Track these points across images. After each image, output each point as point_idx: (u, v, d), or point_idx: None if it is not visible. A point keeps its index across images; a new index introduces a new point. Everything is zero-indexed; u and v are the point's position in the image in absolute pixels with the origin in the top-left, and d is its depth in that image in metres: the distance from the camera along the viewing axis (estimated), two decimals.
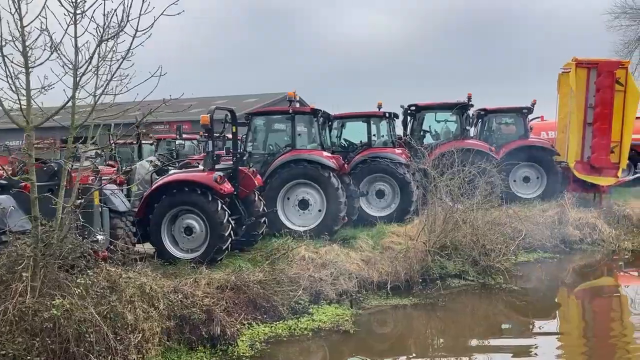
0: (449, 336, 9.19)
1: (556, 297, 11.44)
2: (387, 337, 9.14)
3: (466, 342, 8.83)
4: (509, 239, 13.39)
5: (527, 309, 10.27)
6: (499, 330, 9.41)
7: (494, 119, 19.45)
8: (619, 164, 17.90)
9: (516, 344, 8.66)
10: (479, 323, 9.68)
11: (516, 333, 9.26)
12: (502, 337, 9.08)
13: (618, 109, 17.66)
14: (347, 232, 12.41)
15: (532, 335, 9.13)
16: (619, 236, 15.84)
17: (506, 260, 12.77)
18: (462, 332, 9.26)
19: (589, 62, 17.86)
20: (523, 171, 18.58)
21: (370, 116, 14.79)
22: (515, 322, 9.79)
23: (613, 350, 8.43)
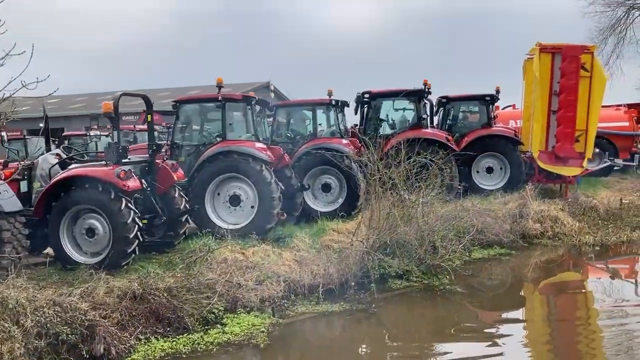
0: (373, 348, 8.17)
1: (500, 299, 10.32)
2: (301, 351, 8.08)
3: (391, 356, 7.81)
4: (461, 235, 12.48)
5: (466, 314, 9.27)
6: (431, 340, 8.39)
7: (456, 107, 18.43)
8: (584, 154, 16.94)
9: (449, 358, 7.66)
10: (407, 333, 8.62)
11: (447, 341, 8.26)
12: (432, 348, 8.07)
13: (583, 96, 16.69)
14: (284, 229, 11.34)
15: (465, 345, 8.12)
16: (582, 229, 14.92)
17: (458, 257, 11.84)
18: (385, 345, 8.21)
19: (554, 47, 16.85)
20: (486, 161, 17.64)
21: (316, 104, 13.70)
22: (449, 330, 8.77)
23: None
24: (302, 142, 13.52)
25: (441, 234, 11.42)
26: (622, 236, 13.95)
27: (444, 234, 11.50)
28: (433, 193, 12.19)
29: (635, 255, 13.41)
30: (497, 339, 8.24)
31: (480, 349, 7.79)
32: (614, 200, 19.85)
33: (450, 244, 11.55)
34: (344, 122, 14.41)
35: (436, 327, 8.81)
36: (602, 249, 13.49)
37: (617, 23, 32.85)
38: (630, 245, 13.61)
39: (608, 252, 13.44)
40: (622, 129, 24.77)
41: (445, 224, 12.23)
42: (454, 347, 7.88)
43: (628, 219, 16.83)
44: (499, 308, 9.79)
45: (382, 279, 10.41)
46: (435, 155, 14.58)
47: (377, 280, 10.26)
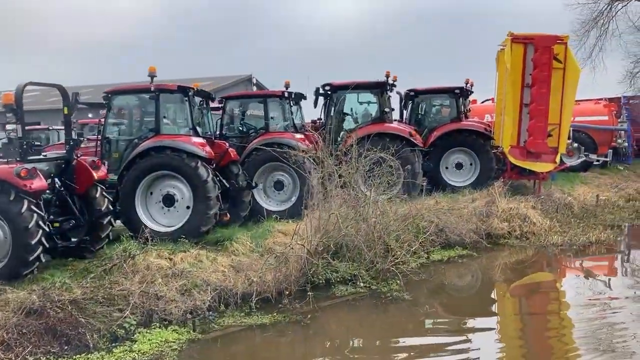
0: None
1: (451, 307, 9.30)
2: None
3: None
4: (419, 236, 11.62)
5: (411, 325, 8.37)
6: (367, 355, 7.49)
7: (425, 100, 17.52)
8: (557, 149, 16.07)
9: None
10: (340, 347, 7.67)
11: (386, 356, 7.37)
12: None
13: (556, 88, 15.81)
14: (225, 231, 10.40)
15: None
16: (553, 228, 14.05)
17: (414, 260, 11.00)
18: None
19: (526, 37, 15.95)
20: (456, 157, 16.76)
21: (267, 96, 12.74)
22: (388, 343, 7.87)
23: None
24: (253, 136, 12.57)
25: (394, 235, 10.54)
26: (592, 236, 13.07)
27: (397, 235, 10.63)
28: (387, 191, 11.32)
29: (600, 255, 12.52)
30: (447, 355, 7.35)
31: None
32: (590, 196, 19.08)
33: (404, 246, 10.72)
34: (299, 115, 13.46)
35: (373, 341, 7.90)
36: (568, 250, 12.62)
37: (599, 15, 31.99)
38: (599, 245, 12.73)
39: (575, 253, 12.56)
40: (601, 123, 23.96)
41: (401, 224, 11.40)
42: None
43: (602, 217, 16.04)
44: (449, 316, 8.87)
45: (328, 284, 9.52)
46: (398, 150, 13.76)
47: (321, 287, 9.41)
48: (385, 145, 13.67)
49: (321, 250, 9.63)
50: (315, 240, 9.62)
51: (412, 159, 13.87)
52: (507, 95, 16.14)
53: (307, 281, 9.34)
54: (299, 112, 13.49)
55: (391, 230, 10.83)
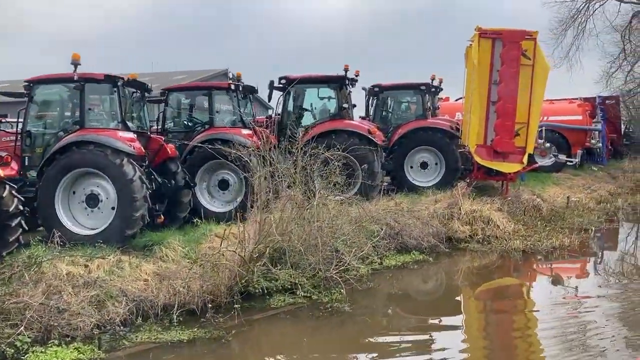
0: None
1: (391, 324, 8.44)
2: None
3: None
4: (373, 240, 10.81)
5: (341, 344, 7.50)
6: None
7: (390, 96, 16.70)
8: (525, 149, 15.31)
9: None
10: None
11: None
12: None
13: (525, 86, 15.03)
14: (155, 235, 9.47)
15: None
16: (518, 232, 13.31)
17: (365, 266, 10.18)
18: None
19: (494, 31, 15.16)
20: (421, 156, 15.95)
21: (213, 89, 11.81)
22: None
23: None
24: (197, 132, 11.64)
25: (342, 240, 9.70)
26: (555, 241, 12.31)
27: (344, 239, 9.79)
28: (337, 191, 10.48)
29: (563, 260, 11.81)
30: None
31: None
32: (561, 198, 18.41)
33: (353, 251, 9.88)
34: (249, 110, 12.56)
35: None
36: (530, 256, 11.88)
37: (577, 14, 31.39)
38: (562, 251, 11.99)
39: (536, 259, 11.84)
40: (575, 123, 23.31)
41: (353, 228, 10.57)
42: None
43: (571, 220, 15.36)
44: (390, 332, 8.01)
45: (267, 294, 8.68)
46: (356, 148, 12.95)
47: (258, 297, 8.57)
48: (342, 142, 12.89)
49: (256, 256, 8.77)
50: (250, 246, 8.74)
51: (370, 158, 13.03)
52: (473, 92, 15.35)
53: (240, 291, 8.49)
54: (249, 106, 12.59)
55: (339, 235, 9.99)
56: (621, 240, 15.16)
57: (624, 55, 31.64)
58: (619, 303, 8.87)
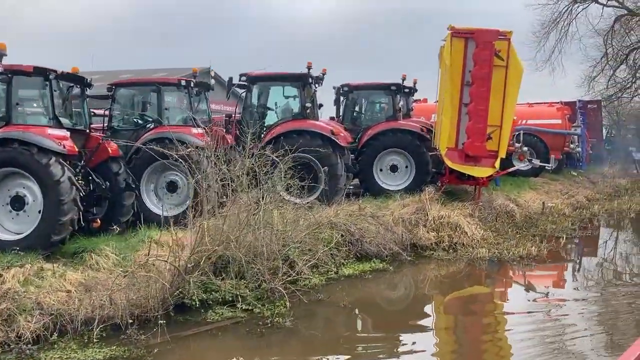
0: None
1: (334, 340, 7.60)
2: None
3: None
4: (331, 248, 10.15)
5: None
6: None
7: (360, 96, 16.02)
8: (497, 152, 14.67)
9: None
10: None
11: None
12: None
13: (498, 88, 14.38)
14: (89, 241, 8.71)
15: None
16: (487, 239, 12.68)
17: (320, 275, 9.52)
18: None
19: (467, 31, 14.52)
20: (391, 159, 15.25)
21: (161, 84, 11.05)
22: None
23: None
24: (143, 131, 10.87)
25: (293, 248, 9.01)
26: (522, 250, 11.67)
27: (294, 247, 9.09)
28: (292, 196, 9.80)
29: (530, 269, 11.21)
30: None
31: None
32: (537, 203, 17.83)
33: (305, 260, 9.21)
34: (204, 107, 11.81)
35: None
36: (494, 265, 11.25)
37: (559, 17, 30.87)
38: (530, 260, 11.35)
39: (498, 269, 11.22)
40: (554, 126, 22.76)
41: (307, 234, 9.90)
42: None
43: (543, 227, 14.78)
44: (334, 351, 7.30)
45: (206, 306, 7.97)
46: (319, 150, 12.27)
47: (196, 309, 7.84)
48: (304, 143, 12.21)
49: (192, 266, 8.03)
50: (185, 255, 8.02)
51: (332, 160, 12.32)
52: (445, 94, 14.72)
53: (176, 303, 7.77)
54: (203, 103, 11.85)
55: (291, 242, 9.30)
56: (590, 250, 14.51)
57: (606, 60, 31.17)
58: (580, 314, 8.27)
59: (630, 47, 31.02)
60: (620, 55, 31.32)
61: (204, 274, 8.33)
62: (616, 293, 9.91)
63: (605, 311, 8.82)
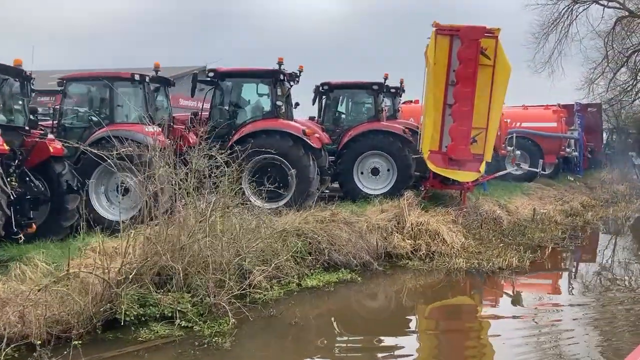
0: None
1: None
2: None
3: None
4: (294, 257, 9.34)
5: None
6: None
7: (341, 96, 15.19)
8: (482, 156, 13.81)
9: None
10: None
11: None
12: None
13: (484, 88, 13.56)
14: (17, 248, 7.91)
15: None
16: (467, 248, 11.81)
17: (279, 288, 8.71)
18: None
19: (452, 28, 13.68)
20: (372, 161, 14.38)
21: (115, 79, 10.23)
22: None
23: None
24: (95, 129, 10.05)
25: (238, 259, 8.18)
26: (502, 262, 10.79)
27: (244, 256, 8.27)
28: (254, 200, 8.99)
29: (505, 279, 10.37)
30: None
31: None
32: (529, 210, 16.91)
33: (260, 270, 8.39)
34: (165, 104, 11.01)
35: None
36: (471, 277, 10.39)
37: (559, 17, 29.89)
38: (510, 272, 10.49)
39: (472, 282, 10.36)
40: (549, 130, 21.88)
41: (267, 243, 9.09)
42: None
43: (530, 235, 13.86)
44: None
45: (142, 322, 7.16)
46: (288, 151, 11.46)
47: (129, 326, 7.03)
48: (273, 144, 11.41)
49: (124, 278, 7.21)
50: (116, 265, 7.21)
51: (304, 162, 11.48)
52: (428, 94, 13.89)
53: (107, 318, 6.97)
54: (163, 100, 11.04)
55: (245, 251, 8.48)
56: (576, 261, 13.57)
57: (606, 62, 30.18)
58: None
59: (631, 49, 30.02)
60: (621, 57, 30.33)
61: (144, 285, 7.55)
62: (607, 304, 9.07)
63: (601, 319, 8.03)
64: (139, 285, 7.49)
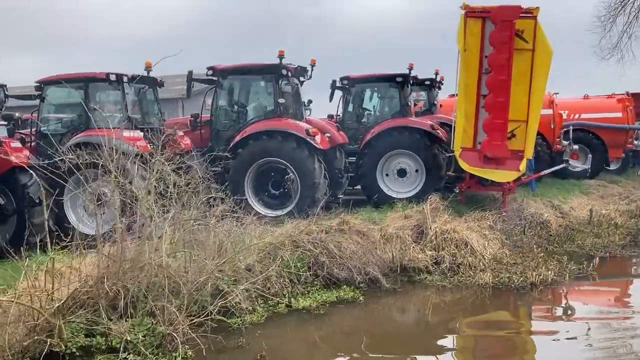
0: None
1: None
2: None
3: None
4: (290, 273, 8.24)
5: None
6: None
7: (363, 91, 13.86)
8: (522, 153, 12.14)
9: None
10: None
11: None
12: None
13: (522, 75, 11.93)
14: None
15: None
16: (501, 259, 10.23)
17: (266, 309, 7.64)
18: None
19: (484, 9, 12.11)
20: (398, 162, 12.97)
21: (89, 80, 9.38)
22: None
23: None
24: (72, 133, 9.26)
25: (206, 277, 7.11)
26: (537, 276, 9.16)
27: (213, 276, 7.19)
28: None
29: None
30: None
31: None
32: (587, 211, 14.95)
33: (232, 291, 7.31)
34: (151, 106, 10.11)
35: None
36: (489, 296, 8.82)
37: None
38: (543, 290, 8.87)
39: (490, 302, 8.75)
40: (613, 120, 19.54)
41: (256, 258, 8.02)
42: None
43: (581, 241, 12.06)
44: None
45: (90, 354, 6.23)
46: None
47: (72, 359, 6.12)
48: (274, 146, 10.32)
49: (72, 304, 6.30)
50: (55, 289, 6.29)
51: (308, 165, 10.30)
52: (459, 84, 12.37)
53: (44, 351, 6.07)
54: (150, 102, 10.14)
55: (229, 268, 7.44)
56: (626, 276, 11.29)
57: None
58: None
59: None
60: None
61: (96, 311, 6.63)
62: None
63: None
64: (92, 310, 6.60)
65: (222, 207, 8.25)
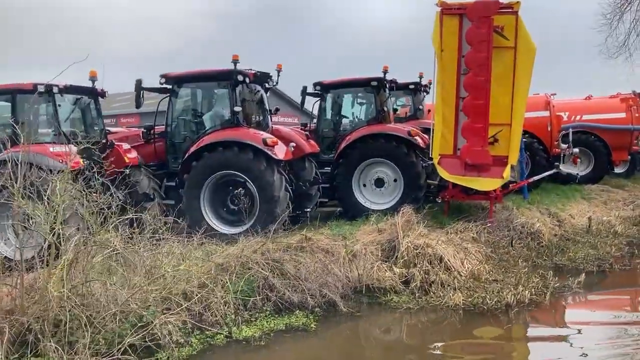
0: None
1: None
2: None
3: None
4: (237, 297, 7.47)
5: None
6: None
7: (338, 96, 13.05)
8: (506, 159, 11.20)
9: None
10: None
11: None
12: None
13: (503, 75, 11.02)
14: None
15: None
16: (478, 276, 9.30)
17: (201, 341, 6.86)
18: None
19: (460, 5, 11.25)
20: (376, 171, 12.14)
21: (16, 91, 8.63)
22: None
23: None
24: None
25: (114, 310, 6.31)
26: (509, 296, 8.22)
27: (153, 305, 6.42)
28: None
29: None
30: None
31: None
32: (586, 218, 13.94)
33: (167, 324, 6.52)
34: (94, 118, 9.38)
35: None
36: (459, 319, 7.90)
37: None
38: (519, 311, 7.93)
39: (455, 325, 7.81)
40: (616, 122, 18.45)
41: (195, 283, 7.25)
42: None
43: (572, 254, 11.10)
44: None
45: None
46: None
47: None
48: (231, 157, 9.56)
49: None
50: None
51: (267, 177, 9.48)
52: (437, 87, 11.51)
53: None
54: (92, 114, 9.41)
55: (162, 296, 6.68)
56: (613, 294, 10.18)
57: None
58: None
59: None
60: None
61: None
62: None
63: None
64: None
65: (157, 226, 7.46)
